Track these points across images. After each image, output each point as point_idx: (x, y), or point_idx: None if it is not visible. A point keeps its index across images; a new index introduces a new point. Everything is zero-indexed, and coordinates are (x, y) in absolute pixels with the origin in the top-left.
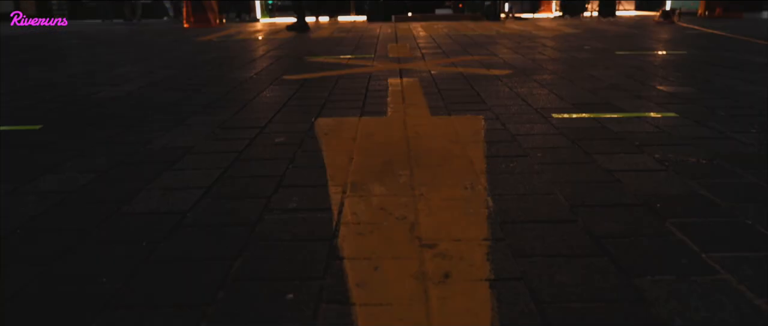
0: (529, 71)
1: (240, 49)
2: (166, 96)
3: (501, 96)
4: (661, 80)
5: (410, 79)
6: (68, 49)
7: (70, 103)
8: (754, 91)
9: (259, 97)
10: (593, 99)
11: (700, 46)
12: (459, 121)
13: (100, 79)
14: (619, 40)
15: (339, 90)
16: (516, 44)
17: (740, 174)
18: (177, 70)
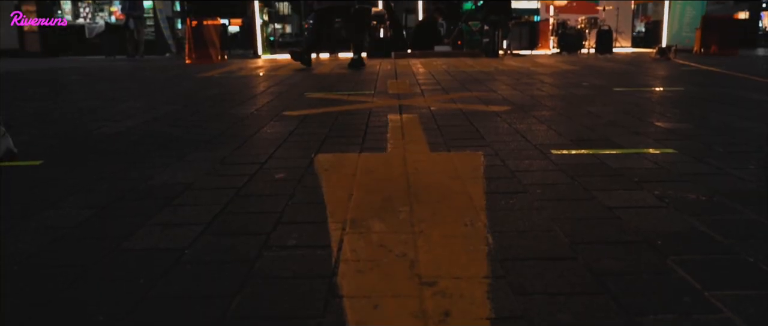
0: (528, 107)
1: (241, 85)
2: (167, 132)
3: (500, 132)
4: (658, 116)
5: (410, 115)
6: (71, 85)
7: (72, 139)
8: (750, 128)
9: (259, 132)
10: (592, 135)
11: (697, 82)
12: (458, 157)
13: (101, 114)
14: (617, 77)
15: (339, 126)
16: (514, 81)
17: (740, 211)
18: (178, 106)
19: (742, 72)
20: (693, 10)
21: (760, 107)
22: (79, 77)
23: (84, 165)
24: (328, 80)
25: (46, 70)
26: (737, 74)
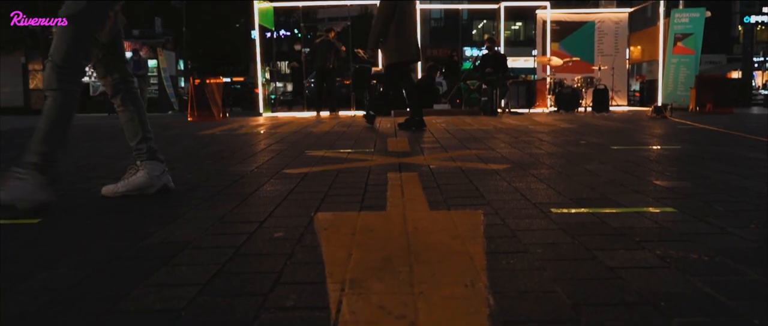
0: (527, 166)
1: (242, 143)
2: (167, 190)
3: (499, 190)
4: (657, 175)
5: (409, 174)
6: (72, 142)
7: (71, 197)
8: (750, 187)
9: (259, 190)
10: (591, 194)
11: (694, 141)
12: (458, 216)
13: (101, 171)
14: (614, 135)
15: (339, 184)
16: (513, 139)
17: (744, 272)
18: (179, 164)
19: (738, 130)
20: (687, 70)
21: (758, 166)
22: (81, 134)
23: (81, 224)
24: (328, 138)
25: None
26: (733, 133)
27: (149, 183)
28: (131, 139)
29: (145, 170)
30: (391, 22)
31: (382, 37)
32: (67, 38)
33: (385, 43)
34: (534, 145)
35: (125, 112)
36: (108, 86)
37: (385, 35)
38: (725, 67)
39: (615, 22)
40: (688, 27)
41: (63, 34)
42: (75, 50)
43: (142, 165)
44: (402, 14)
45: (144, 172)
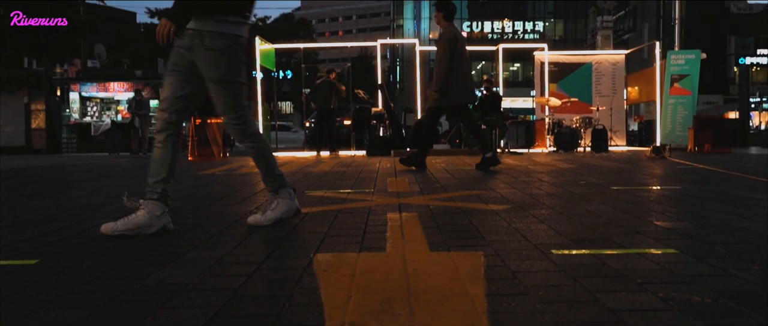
0: (527, 206)
1: (242, 183)
2: (165, 230)
3: (500, 231)
4: (658, 215)
5: (409, 214)
6: (72, 182)
7: (69, 237)
8: (751, 227)
9: (258, 231)
10: (592, 234)
11: (693, 181)
12: (458, 257)
13: (100, 212)
14: (614, 175)
15: (338, 224)
16: (512, 179)
17: (748, 315)
18: (178, 204)
19: (737, 170)
20: (684, 110)
21: (758, 206)
22: (82, 174)
23: (79, 265)
24: (328, 178)
25: (50, 167)
26: (733, 173)
27: (149, 224)
28: (152, 176)
29: (146, 210)
30: (452, 63)
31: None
32: (233, 95)
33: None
34: (534, 185)
35: (162, 150)
36: (160, 120)
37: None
38: (722, 107)
39: (612, 64)
40: (685, 68)
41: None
42: (238, 101)
43: (144, 205)
44: (458, 55)
45: (144, 212)
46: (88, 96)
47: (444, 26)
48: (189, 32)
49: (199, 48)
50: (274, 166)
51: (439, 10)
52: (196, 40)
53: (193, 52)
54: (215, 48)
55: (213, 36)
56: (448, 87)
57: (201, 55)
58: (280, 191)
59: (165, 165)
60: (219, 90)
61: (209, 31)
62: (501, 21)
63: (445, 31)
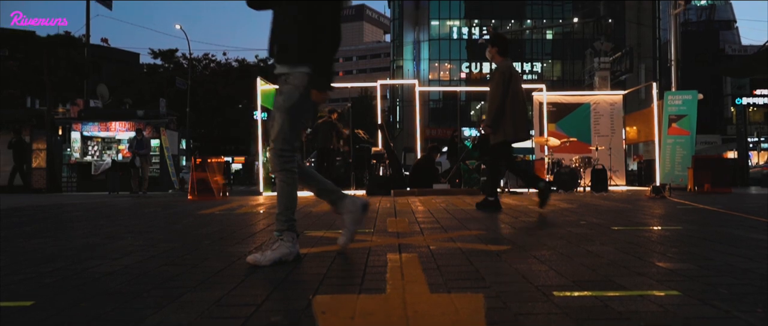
0: (527, 246)
1: (241, 223)
2: (164, 271)
3: (500, 272)
4: (660, 256)
5: (409, 255)
6: (71, 221)
7: (67, 278)
8: (754, 268)
9: (257, 272)
10: (593, 276)
11: (694, 221)
12: (459, 299)
13: (99, 252)
14: (614, 215)
15: (337, 265)
16: (513, 219)
17: None
18: (177, 244)
19: (737, 210)
20: (683, 150)
21: (760, 247)
22: (81, 213)
23: (76, 306)
24: (327, 218)
25: (49, 206)
26: (733, 213)
27: (289, 252)
28: (283, 208)
29: (285, 240)
30: (506, 98)
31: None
32: (286, 127)
33: (501, 119)
34: (534, 226)
35: (288, 185)
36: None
37: (502, 112)
38: (720, 147)
39: (610, 104)
40: (682, 109)
41: (281, 123)
42: (291, 136)
43: (282, 236)
44: (514, 91)
45: (284, 242)
46: (90, 135)
47: (498, 61)
48: (282, 77)
49: (283, 85)
50: (291, 208)
51: (494, 45)
52: (282, 81)
53: (280, 89)
54: (294, 83)
55: (296, 75)
56: (511, 122)
57: (281, 89)
58: (285, 234)
59: (292, 196)
60: (278, 117)
61: (295, 72)
62: None
63: (499, 66)
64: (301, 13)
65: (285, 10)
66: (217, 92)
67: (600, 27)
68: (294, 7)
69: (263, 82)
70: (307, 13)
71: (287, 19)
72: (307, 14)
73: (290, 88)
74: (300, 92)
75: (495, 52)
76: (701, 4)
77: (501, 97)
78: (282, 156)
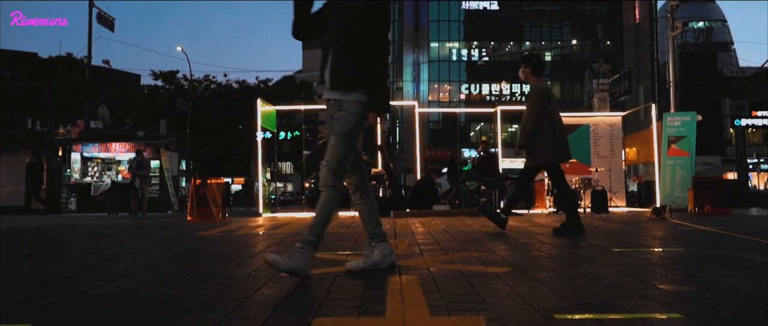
0: (528, 268)
1: (240, 244)
2: (162, 293)
3: (501, 294)
4: (661, 279)
5: (409, 277)
6: (70, 243)
7: (64, 300)
8: (756, 291)
9: (256, 294)
10: (595, 298)
11: (696, 243)
12: (459, 322)
13: (97, 274)
14: (615, 237)
15: (337, 287)
16: (513, 240)
17: None
18: (176, 266)
19: (739, 232)
20: (683, 171)
21: (762, 269)
22: (80, 234)
23: None
24: (327, 240)
25: (48, 227)
26: (735, 234)
27: (382, 260)
28: (368, 224)
29: (379, 250)
30: (543, 119)
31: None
32: (341, 150)
33: (538, 140)
34: (534, 247)
35: (363, 204)
36: (352, 184)
37: (539, 133)
38: (720, 168)
39: (609, 125)
40: (681, 130)
41: (338, 146)
42: (345, 158)
43: (376, 246)
44: (552, 112)
45: (378, 251)
46: (90, 156)
47: (533, 82)
48: (331, 102)
49: (337, 112)
50: (325, 223)
51: (528, 65)
52: (336, 107)
53: (333, 116)
54: (350, 110)
55: (350, 102)
56: (551, 142)
57: (336, 115)
58: (307, 248)
59: (373, 213)
60: (334, 141)
61: (349, 99)
62: (498, 83)
63: (536, 87)
64: (350, 42)
65: (335, 40)
66: (217, 113)
67: (598, 49)
68: (343, 38)
69: (263, 103)
70: (357, 43)
71: (338, 48)
72: (357, 43)
73: (346, 114)
74: (355, 118)
75: (529, 72)
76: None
77: (537, 120)
78: (336, 175)
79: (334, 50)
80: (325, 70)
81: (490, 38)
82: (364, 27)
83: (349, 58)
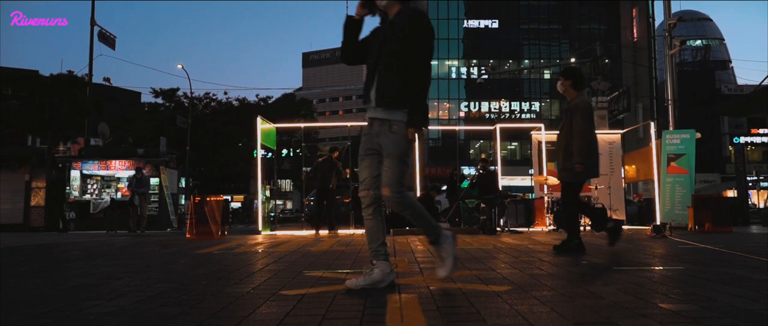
0: (528, 287)
1: (239, 262)
2: (160, 312)
3: (501, 314)
4: (662, 297)
5: (408, 295)
6: (69, 261)
7: (62, 319)
8: (758, 310)
9: (254, 313)
10: (596, 317)
11: (696, 261)
12: None
13: (95, 292)
14: (615, 255)
15: (336, 306)
16: (513, 259)
17: None
18: (174, 284)
19: (739, 250)
20: (682, 189)
21: (763, 288)
22: (78, 252)
23: None
24: (326, 258)
25: (47, 245)
26: (735, 253)
27: (381, 279)
28: (373, 242)
29: (380, 268)
30: (593, 133)
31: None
32: (399, 171)
33: (591, 155)
34: (534, 266)
35: (374, 220)
36: (368, 197)
37: (590, 147)
38: (720, 185)
39: (608, 143)
40: (680, 147)
41: (395, 169)
42: (403, 178)
43: (377, 264)
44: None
45: (379, 270)
46: (89, 173)
47: (573, 96)
48: (377, 121)
49: (387, 133)
50: (430, 221)
51: (568, 78)
52: (385, 128)
53: (380, 137)
54: (401, 132)
55: (399, 124)
56: (592, 159)
57: (388, 137)
58: (440, 239)
59: (381, 231)
60: (392, 165)
61: (396, 120)
62: (498, 101)
63: (580, 102)
64: (397, 65)
65: (382, 62)
66: (217, 131)
67: (597, 67)
68: (389, 61)
69: (263, 121)
70: (402, 65)
71: (385, 71)
72: (402, 66)
73: (398, 137)
74: (406, 139)
75: (569, 86)
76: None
77: (590, 133)
78: (398, 198)
79: (380, 72)
80: (371, 90)
81: (489, 56)
82: (408, 50)
83: (395, 80)
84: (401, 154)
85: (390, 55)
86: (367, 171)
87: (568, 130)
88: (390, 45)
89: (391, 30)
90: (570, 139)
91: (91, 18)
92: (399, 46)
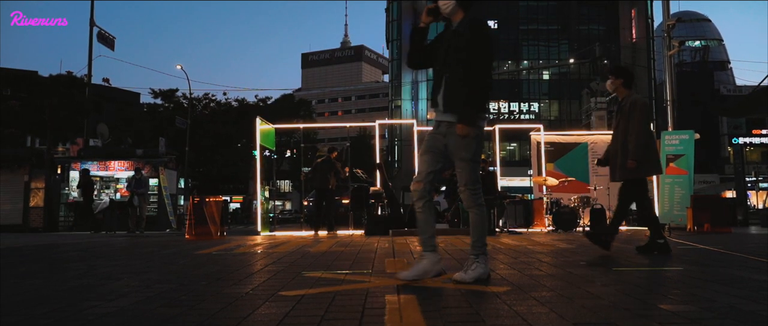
0: (527, 288)
1: (239, 263)
2: (160, 312)
3: (500, 315)
4: (662, 298)
5: (408, 296)
6: (68, 262)
7: (61, 319)
8: (758, 311)
9: (253, 314)
10: (595, 318)
11: (695, 262)
12: None
13: (95, 293)
14: (614, 255)
15: (335, 307)
16: (512, 259)
17: None
18: (173, 285)
19: (738, 251)
20: (681, 190)
21: (763, 288)
22: (78, 253)
23: None
24: (326, 258)
25: (46, 245)
26: (734, 253)
27: (430, 269)
28: (424, 234)
29: (428, 260)
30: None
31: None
32: (474, 171)
33: (649, 152)
34: (534, 266)
35: (424, 213)
36: (418, 191)
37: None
38: (719, 186)
39: (607, 144)
40: (679, 148)
41: (469, 169)
42: (477, 176)
43: (425, 255)
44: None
45: (427, 261)
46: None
47: (624, 94)
48: (445, 124)
49: (454, 135)
50: (483, 236)
51: (619, 76)
52: (453, 130)
53: (448, 138)
54: (468, 135)
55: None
56: (652, 155)
57: (456, 140)
58: (480, 257)
59: (430, 224)
60: (466, 166)
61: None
62: (497, 102)
63: (635, 99)
64: (463, 72)
65: (447, 68)
66: (216, 131)
67: (596, 67)
68: (455, 67)
69: (262, 122)
70: (467, 72)
71: (451, 76)
72: (467, 73)
73: (468, 140)
74: (476, 141)
75: (619, 84)
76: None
77: (647, 131)
78: (474, 193)
79: (447, 78)
80: (439, 95)
81: None
82: (470, 57)
83: (460, 86)
84: (472, 156)
85: (455, 63)
86: (424, 165)
87: (625, 127)
88: (455, 53)
89: (455, 38)
90: (627, 136)
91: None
92: (463, 54)
